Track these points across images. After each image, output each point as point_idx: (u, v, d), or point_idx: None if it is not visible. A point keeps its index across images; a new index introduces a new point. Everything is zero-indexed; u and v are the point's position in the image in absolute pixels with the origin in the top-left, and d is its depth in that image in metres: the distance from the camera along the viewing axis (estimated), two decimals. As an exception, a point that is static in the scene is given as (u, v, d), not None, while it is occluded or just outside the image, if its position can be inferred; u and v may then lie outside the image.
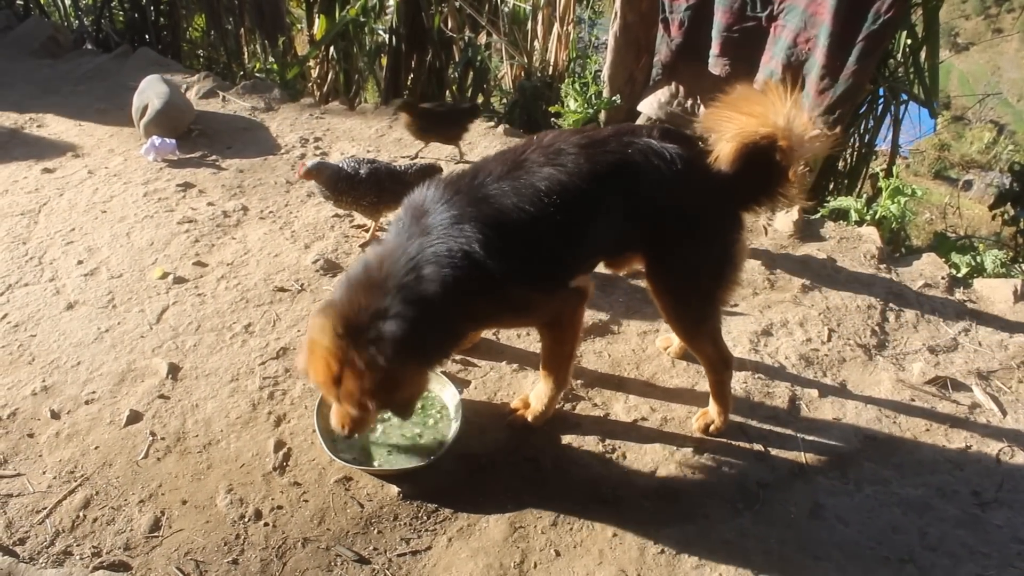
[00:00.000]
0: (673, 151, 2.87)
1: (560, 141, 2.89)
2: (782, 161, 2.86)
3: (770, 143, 2.81)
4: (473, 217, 2.71)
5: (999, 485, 3.33)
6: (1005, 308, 4.49)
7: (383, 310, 2.65)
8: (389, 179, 4.51)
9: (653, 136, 2.92)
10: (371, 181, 4.48)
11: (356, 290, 2.72)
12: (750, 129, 2.79)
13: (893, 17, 4.88)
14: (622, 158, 2.87)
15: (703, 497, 3.18)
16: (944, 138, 20.06)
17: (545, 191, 2.75)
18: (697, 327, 3.23)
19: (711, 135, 2.90)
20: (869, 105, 6.36)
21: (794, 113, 2.78)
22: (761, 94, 2.84)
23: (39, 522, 2.93)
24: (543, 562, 2.89)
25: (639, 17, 5.99)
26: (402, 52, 8.75)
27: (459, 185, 2.82)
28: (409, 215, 2.83)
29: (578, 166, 2.80)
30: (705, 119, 2.95)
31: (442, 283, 2.67)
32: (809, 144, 2.85)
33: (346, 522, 2.99)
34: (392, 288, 2.67)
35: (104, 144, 5.78)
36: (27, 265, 4.34)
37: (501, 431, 3.42)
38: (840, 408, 3.66)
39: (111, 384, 3.56)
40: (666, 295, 3.17)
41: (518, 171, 2.80)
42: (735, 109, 2.88)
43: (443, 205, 2.75)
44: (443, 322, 2.77)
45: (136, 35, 8.72)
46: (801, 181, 3.04)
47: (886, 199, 5.37)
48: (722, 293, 3.16)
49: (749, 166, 2.85)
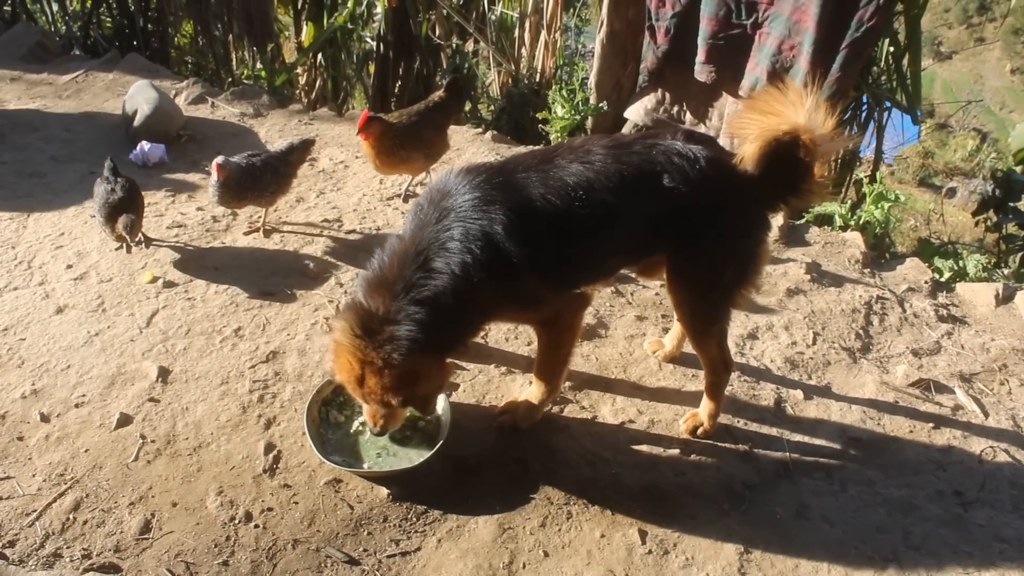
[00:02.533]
0: (697, 151, 2.93)
1: (589, 143, 2.98)
2: (806, 157, 2.91)
3: (793, 140, 2.86)
4: (498, 200, 2.78)
5: (981, 485, 3.38)
6: (987, 312, 4.55)
7: (394, 312, 2.73)
8: (281, 163, 4.67)
9: (678, 138, 2.98)
10: (268, 169, 4.58)
11: (370, 290, 2.81)
12: (773, 127, 2.85)
13: (876, 25, 4.95)
14: (647, 158, 2.93)
15: (690, 498, 3.21)
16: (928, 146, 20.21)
17: (572, 186, 2.83)
18: (709, 326, 3.27)
19: (737, 138, 2.96)
20: (853, 112, 6.43)
21: (815, 110, 2.84)
22: (782, 93, 2.90)
23: (29, 524, 2.93)
24: (532, 563, 2.91)
25: (626, 24, 6.05)
26: (390, 59, 8.79)
27: (485, 171, 2.89)
28: (428, 198, 2.89)
29: (605, 165, 2.88)
30: (729, 123, 3.01)
31: (452, 275, 2.73)
32: (832, 140, 2.91)
33: (336, 523, 3.01)
34: (400, 290, 2.74)
35: (93, 150, 5.77)
36: (16, 269, 4.34)
37: (490, 433, 3.44)
38: (825, 410, 3.70)
39: (101, 387, 3.57)
40: (685, 292, 3.21)
41: (547, 166, 2.89)
42: (757, 110, 2.95)
43: (467, 187, 2.81)
44: (456, 313, 2.81)
45: (124, 41, 8.71)
46: (827, 177, 3.10)
47: (870, 204, 5.43)
48: (741, 293, 3.21)
49: (774, 165, 2.91)
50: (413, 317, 2.71)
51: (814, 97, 2.87)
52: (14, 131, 5.98)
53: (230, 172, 4.39)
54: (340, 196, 5.33)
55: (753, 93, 4.56)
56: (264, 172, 4.56)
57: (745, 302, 3.36)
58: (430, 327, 2.72)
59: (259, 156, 4.62)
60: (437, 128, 5.07)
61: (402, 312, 2.72)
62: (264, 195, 4.62)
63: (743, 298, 3.25)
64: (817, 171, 2.99)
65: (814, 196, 3.12)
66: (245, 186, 4.49)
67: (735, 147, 3.03)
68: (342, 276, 4.42)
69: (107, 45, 8.43)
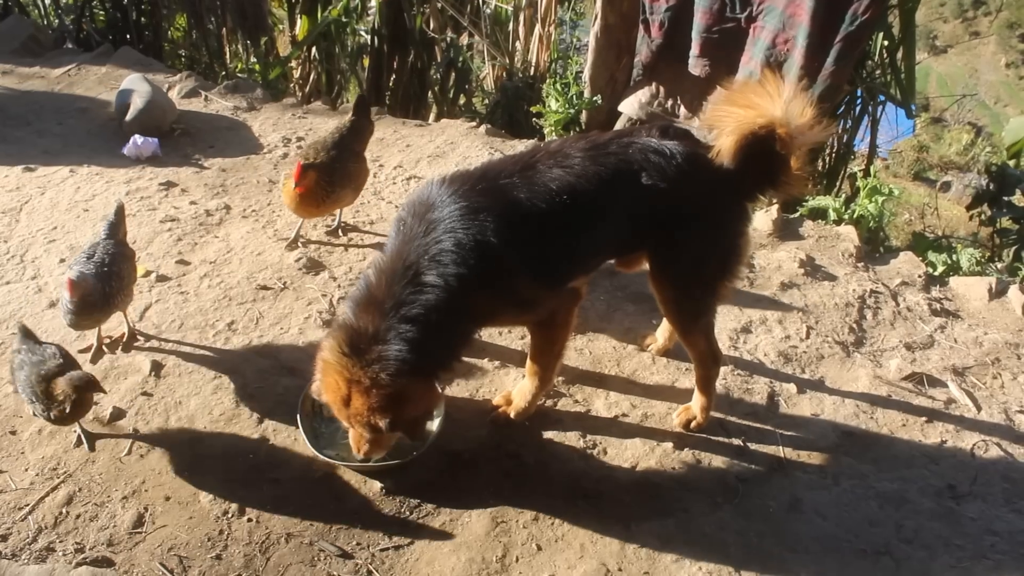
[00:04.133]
0: (673, 147, 2.92)
1: (566, 146, 2.97)
2: (782, 150, 2.91)
3: (769, 133, 2.86)
4: (487, 207, 2.75)
5: (973, 479, 3.39)
6: (980, 306, 4.56)
7: (383, 331, 2.69)
8: (124, 262, 3.62)
9: (653, 134, 2.98)
10: (114, 276, 3.51)
11: (358, 309, 2.77)
12: (748, 121, 2.84)
13: (870, 19, 4.95)
14: (623, 158, 2.92)
15: (683, 491, 3.22)
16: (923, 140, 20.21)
17: (556, 190, 2.81)
18: (695, 321, 3.28)
19: (712, 131, 2.96)
20: (847, 106, 6.43)
21: (792, 102, 2.84)
22: (758, 86, 2.90)
23: (22, 519, 2.94)
24: (525, 556, 2.92)
25: (620, 18, 6.04)
26: (384, 53, 8.75)
27: (468, 180, 2.85)
28: (412, 212, 2.84)
29: (584, 168, 2.87)
30: (705, 116, 2.99)
31: (446, 287, 2.70)
32: (809, 132, 2.90)
33: (329, 517, 3.01)
34: (390, 308, 2.70)
35: (86, 143, 5.75)
36: (9, 263, 4.33)
37: (483, 427, 3.45)
38: (818, 404, 3.71)
39: (93, 382, 3.56)
40: (669, 288, 3.21)
41: (529, 171, 2.87)
42: (733, 103, 2.95)
43: (452, 197, 2.77)
44: (449, 327, 2.79)
45: (117, 34, 8.65)
46: (805, 169, 3.11)
47: (864, 198, 5.43)
48: (725, 285, 3.21)
49: (751, 158, 2.90)
50: (403, 336, 2.68)
51: (792, 89, 2.87)
52: (6, 124, 5.96)
53: (84, 286, 3.35)
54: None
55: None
56: (114, 282, 3.49)
57: (730, 294, 3.37)
58: (421, 345, 2.69)
59: (102, 257, 3.51)
60: (357, 157, 4.62)
61: (392, 331, 2.69)
62: (114, 305, 3.54)
63: (727, 291, 3.26)
64: (794, 163, 2.99)
65: (792, 187, 3.13)
66: (98, 307, 3.46)
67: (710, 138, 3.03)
68: (336, 270, 4.41)
69: (100, 39, 8.38)
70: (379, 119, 6.46)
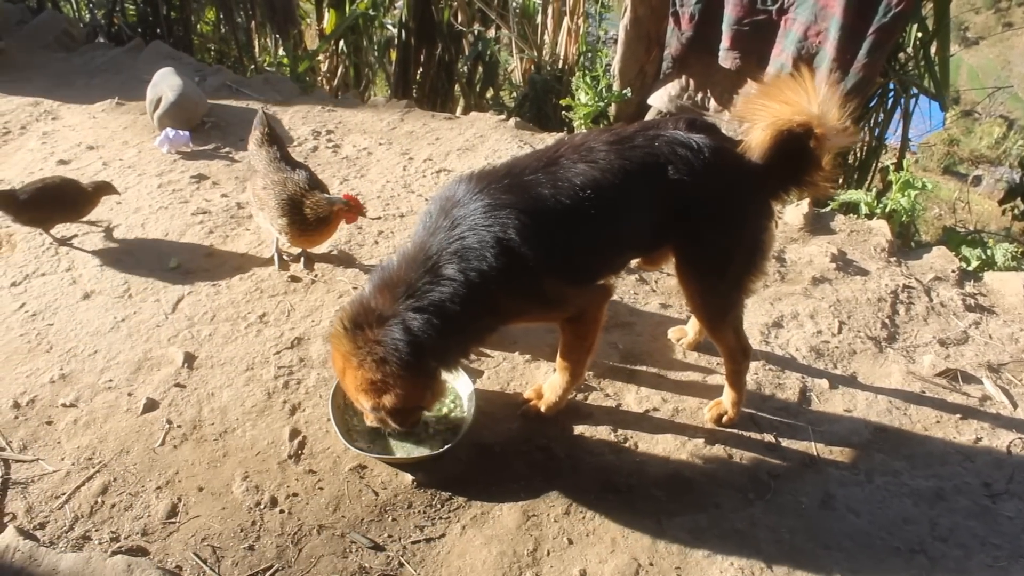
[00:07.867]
0: (700, 141, 2.89)
1: (591, 140, 2.94)
2: (816, 149, 2.88)
3: (805, 131, 2.83)
4: (510, 204, 2.74)
5: (1010, 477, 3.35)
6: (1016, 301, 4.49)
7: (389, 315, 2.72)
8: None
9: (679, 127, 2.95)
10: None
11: (376, 288, 2.80)
12: (785, 117, 2.82)
13: (904, 10, 4.89)
14: (650, 151, 2.90)
15: (715, 487, 3.21)
16: (953, 133, 19.96)
17: (580, 186, 2.79)
18: (723, 316, 3.26)
19: (744, 124, 2.93)
20: (879, 99, 6.36)
21: (829, 101, 2.80)
22: (796, 82, 2.86)
23: (58, 507, 2.97)
24: (556, 550, 2.91)
25: (649, 11, 6.02)
26: (411, 46, 8.78)
27: (493, 177, 2.85)
28: (438, 206, 2.85)
29: (609, 162, 2.84)
30: (738, 108, 2.95)
31: (465, 282, 2.70)
32: (843, 134, 2.87)
33: (361, 509, 3.03)
34: (401, 294, 2.72)
35: (118, 136, 5.80)
36: (44, 255, 4.37)
37: (514, 421, 3.45)
38: (851, 400, 3.68)
39: (128, 372, 3.60)
40: (695, 283, 3.19)
41: (553, 167, 2.85)
42: (770, 97, 2.91)
43: (477, 195, 2.77)
44: (460, 325, 2.78)
45: (148, 29, 8.74)
46: (834, 171, 3.07)
47: (896, 192, 5.38)
48: (750, 281, 3.19)
49: (781, 154, 2.88)
50: (406, 324, 2.69)
51: (828, 87, 2.83)
52: (40, 119, 6.02)
53: None
54: (364, 183, 5.33)
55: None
56: None
57: (756, 289, 3.35)
58: (422, 337, 2.69)
59: None
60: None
61: (397, 317, 2.71)
62: None
63: (753, 285, 3.23)
64: (825, 163, 2.96)
65: (818, 188, 3.10)
66: None
67: (739, 131, 2.99)
68: (366, 262, 4.43)
69: (131, 33, 8.47)
70: (408, 112, 6.48)
